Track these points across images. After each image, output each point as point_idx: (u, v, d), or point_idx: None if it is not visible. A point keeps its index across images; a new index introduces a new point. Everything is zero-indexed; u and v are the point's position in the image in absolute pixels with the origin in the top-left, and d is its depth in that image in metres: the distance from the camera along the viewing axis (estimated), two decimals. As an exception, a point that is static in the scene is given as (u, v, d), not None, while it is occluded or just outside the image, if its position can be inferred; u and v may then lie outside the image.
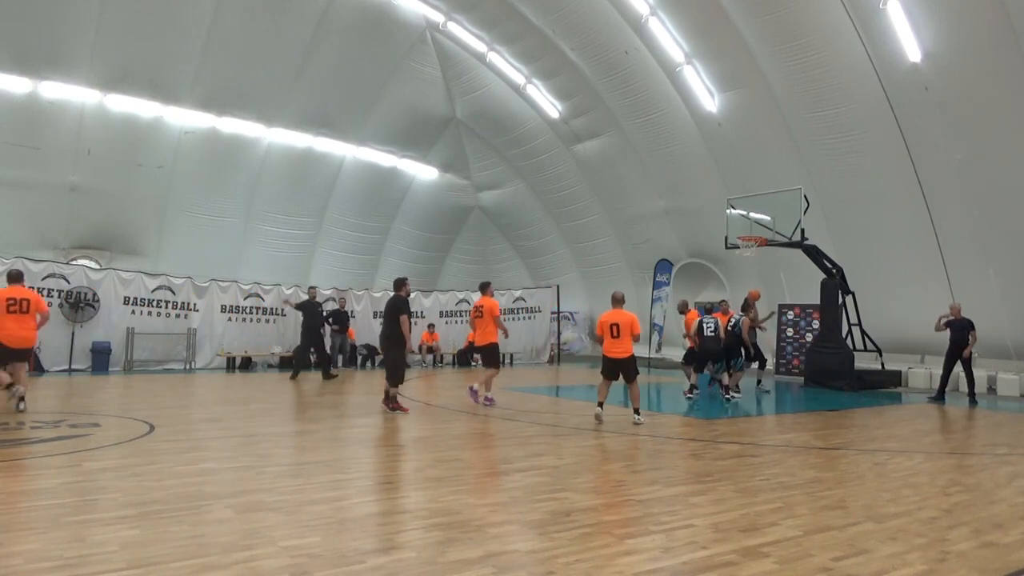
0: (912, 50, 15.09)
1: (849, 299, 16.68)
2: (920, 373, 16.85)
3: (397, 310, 10.39)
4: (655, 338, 23.77)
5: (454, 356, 22.16)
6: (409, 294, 10.87)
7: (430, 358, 21.40)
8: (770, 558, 4.11)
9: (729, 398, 12.85)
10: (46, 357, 16.11)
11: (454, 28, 22.58)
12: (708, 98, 19.58)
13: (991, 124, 14.92)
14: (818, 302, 17.03)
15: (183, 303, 18.28)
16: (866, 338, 16.79)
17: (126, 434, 7.78)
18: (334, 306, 19.19)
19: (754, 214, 16.98)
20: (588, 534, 4.49)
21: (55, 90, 18.19)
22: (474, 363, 21.62)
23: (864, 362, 16.89)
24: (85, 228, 20.01)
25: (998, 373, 15.68)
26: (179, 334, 18.05)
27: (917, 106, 15.68)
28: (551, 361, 23.95)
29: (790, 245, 16.12)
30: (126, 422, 8.69)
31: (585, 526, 4.66)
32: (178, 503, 5.00)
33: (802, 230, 15.79)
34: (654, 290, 23.66)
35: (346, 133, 23.58)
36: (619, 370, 9.62)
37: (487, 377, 11.43)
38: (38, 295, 9.76)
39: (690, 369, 13.66)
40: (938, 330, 13.75)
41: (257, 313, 19.28)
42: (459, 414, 10.45)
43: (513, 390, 14.32)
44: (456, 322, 23.27)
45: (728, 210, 17.47)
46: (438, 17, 22.29)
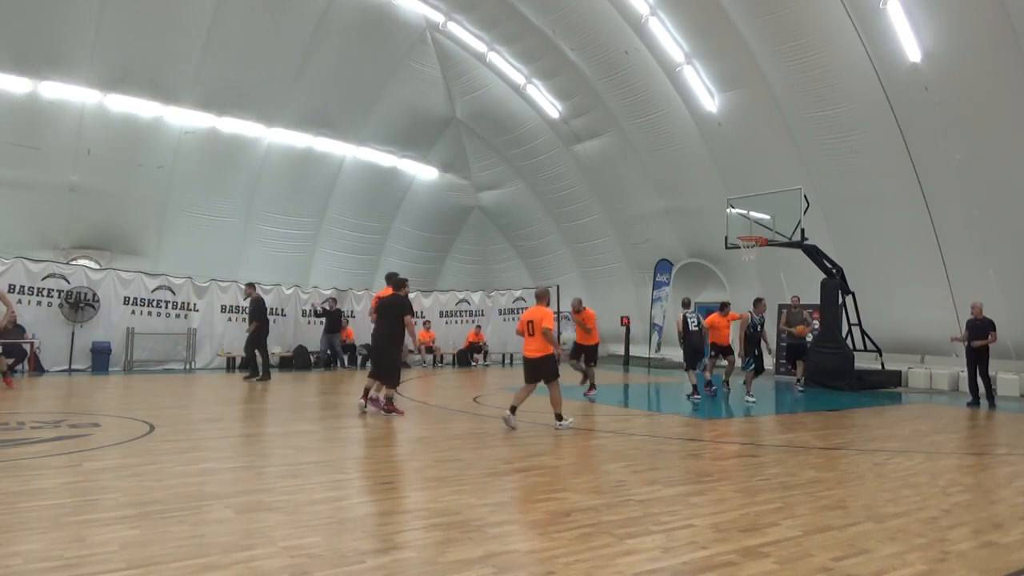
0: (912, 50, 15.09)
1: (849, 299, 16.69)
2: (920, 373, 16.85)
3: (401, 310, 10.29)
4: (655, 338, 23.78)
5: (454, 356, 22.16)
6: (407, 295, 10.86)
7: (430, 358, 21.37)
8: (770, 558, 4.11)
9: (749, 399, 12.77)
10: (46, 357, 16.11)
11: (454, 28, 22.58)
12: (708, 98, 19.57)
13: (991, 124, 14.92)
14: (818, 302, 17.04)
15: (183, 303, 18.28)
16: (866, 338, 16.80)
17: (126, 434, 7.78)
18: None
19: (754, 214, 16.99)
20: (588, 534, 4.49)
21: (55, 90, 18.17)
22: (474, 363, 21.62)
23: (864, 362, 16.89)
24: (85, 228, 20.00)
25: (998, 373, 15.64)
26: (179, 334, 18.06)
27: (917, 106, 15.68)
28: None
29: (790, 245, 16.12)
30: (126, 422, 8.69)
31: (585, 526, 4.66)
32: (178, 503, 5.00)
33: (802, 230, 15.80)
34: (654, 290, 23.67)
35: (346, 133, 23.57)
36: (536, 370, 9.05)
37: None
38: None
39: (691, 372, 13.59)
40: (959, 340, 13.44)
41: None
42: (459, 414, 10.45)
43: (513, 390, 14.30)
44: (456, 322, 23.27)
45: (728, 210, 17.48)
46: (438, 17, 22.29)
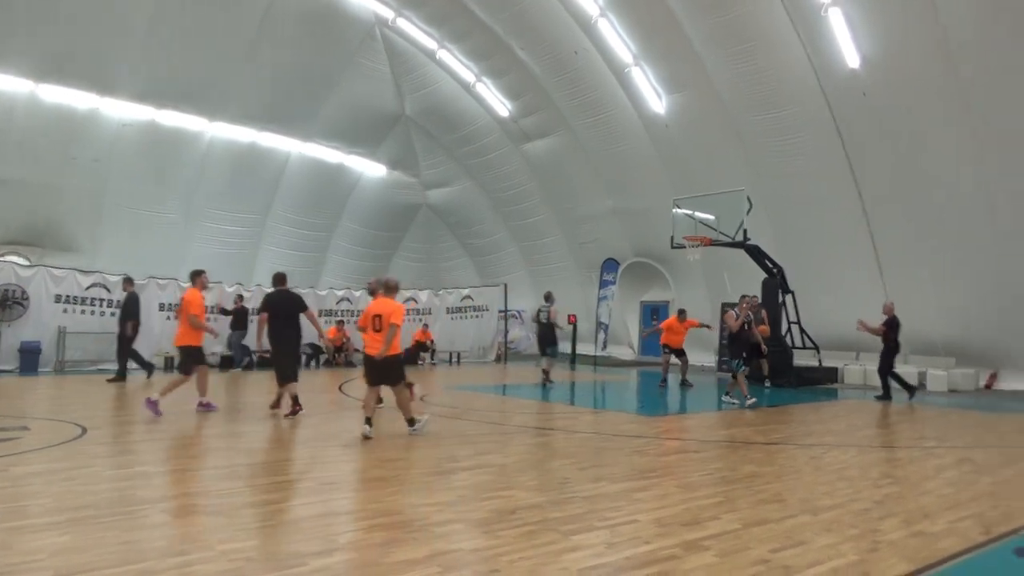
0: (851, 56, 15.57)
1: (789, 298, 17.12)
2: (855, 370, 17.39)
3: (299, 306, 10.14)
4: (600, 336, 24.01)
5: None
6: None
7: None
8: (711, 551, 4.18)
9: (750, 404, 11.75)
10: (-30, 357, 15.41)
11: (404, 24, 22.39)
12: (656, 99, 19.84)
13: (922, 129, 15.49)
14: (759, 301, 17.43)
15: (119, 301, 17.65)
16: (804, 336, 17.27)
17: (56, 437, 7.48)
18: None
19: (699, 214, 17.28)
20: (533, 531, 4.50)
21: (-18, 79, 17.42)
22: (421, 363, 21.50)
23: (803, 359, 17.37)
24: (14, 223, 19.19)
25: (928, 370, 16.30)
26: (114, 333, 17.41)
27: (856, 111, 16.18)
28: (498, 360, 23.97)
29: (733, 245, 16.46)
30: (56, 425, 8.36)
31: (530, 523, 4.67)
32: (111, 508, 4.83)
33: (745, 230, 16.14)
34: (601, 289, 23.91)
35: (292, 128, 23.16)
36: (382, 372, 8.22)
37: None
38: None
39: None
40: (876, 333, 13.94)
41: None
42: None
43: (460, 389, 14.28)
44: (405, 320, 23.06)
45: (674, 210, 17.76)
46: (387, 13, 22.08)
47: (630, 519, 4.84)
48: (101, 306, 17.45)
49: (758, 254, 16.59)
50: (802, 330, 17.23)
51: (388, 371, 8.22)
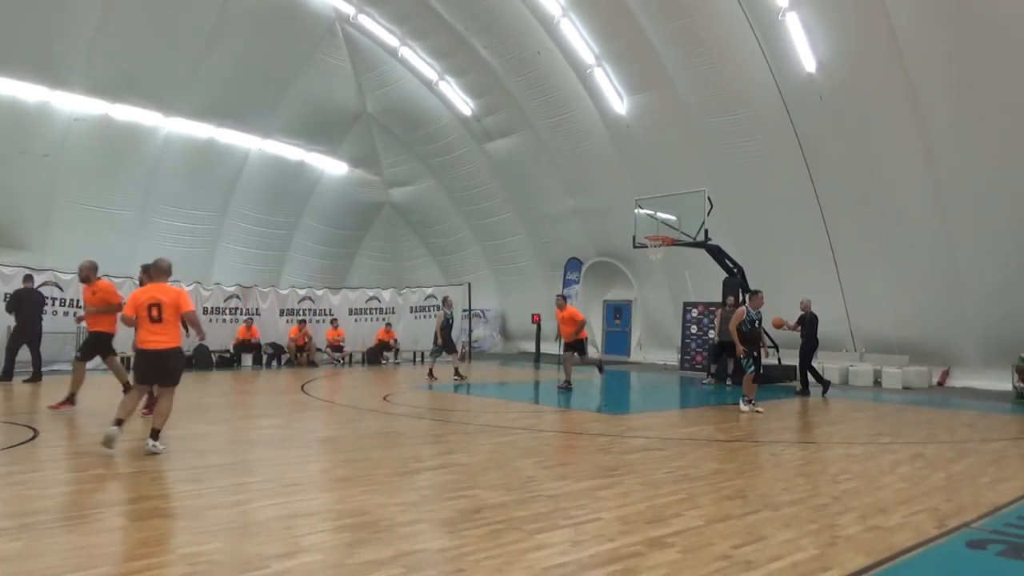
0: (808, 60, 15.88)
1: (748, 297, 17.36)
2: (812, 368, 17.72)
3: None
4: (565, 336, 24.09)
5: (363, 355, 21.80)
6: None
7: (338, 356, 20.93)
8: (674, 548, 4.24)
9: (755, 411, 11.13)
10: (-87, 359, 14.81)
11: (365, 21, 22.18)
12: (617, 100, 19.99)
13: (876, 133, 15.87)
14: (719, 300, 17.67)
15: (71, 300, 17.18)
16: (764, 335, 17.53)
17: (6, 440, 7.26)
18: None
19: (661, 214, 17.45)
20: (498, 530, 4.51)
21: (-75, 69, 16.78)
22: (384, 362, 21.35)
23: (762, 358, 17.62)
24: (-40, 220, 18.55)
25: (883, 368, 16.71)
26: (67, 333, 16.96)
27: (812, 114, 16.51)
28: (463, 359, 23.90)
29: (694, 245, 16.66)
30: (6, 427, 8.11)
31: (495, 523, 4.68)
32: (65, 512, 4.71)
33: (706, 230, 16.35)
34: (564, 288, 24.00)
35: (251, 125, 22.76)
36: (160, 368, 7.17)
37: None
38: None
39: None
40: (792, 329, 14.37)
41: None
42: (368, 413, 10.28)
43: (424, 388, 14.23)
44: (366, 320, 22.89)
45: (636, 210, 17.90)
46: (349, 9, 21.85)
47: (594, 517, 4.88)
48: (53, 305, 16.94)
49: (719, 254, 16.82)
50: (762, 329, 17.49)
51: (171, 366, 7.21)
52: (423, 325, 23.65)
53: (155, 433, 6.93)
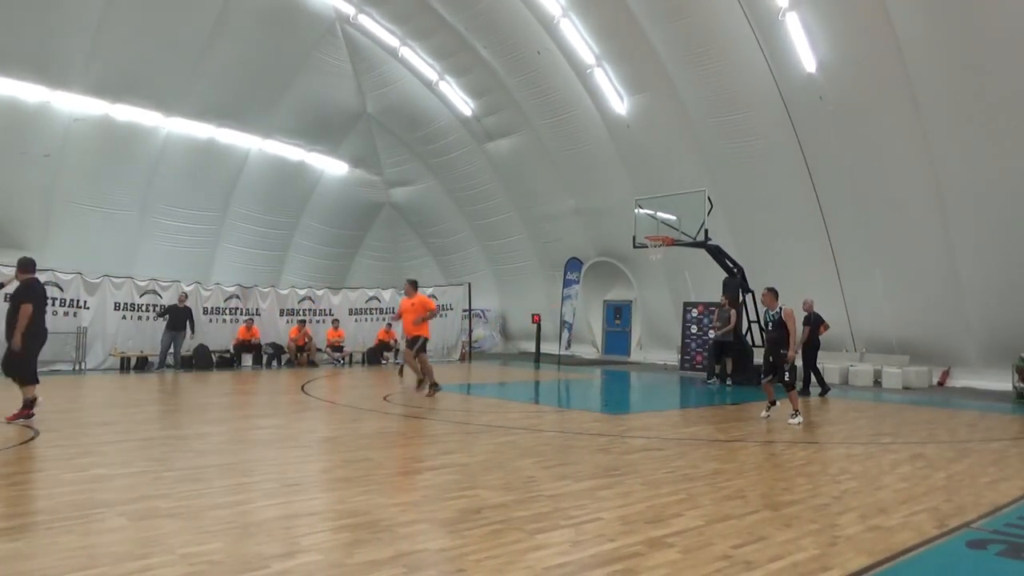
0: (808, 61, 15.88)
1: (749, 297, 17.38)
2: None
3: (18, 299, 8.53)
4: (564, 335, 24.12)
5: (364, 355, 21.79)
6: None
7: (338, 356, 20.92)
8: (674, 548, 4.23)
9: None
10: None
11: (365, 21, 22.20)
12: (617, 100, 20.00)
13: (876, 133, 15.88)
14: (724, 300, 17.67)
15: (72, 300, 17.17)
16: (764, 335, 17.53)
17: (6, 440, 7.26)
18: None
19: (661, 214, 17.46)
20: (498, 530, 4.50)
21: (-75, 70, 16.79)
22: (384, 362, 21.34)
23: (763, 358, 17.62)
24: (-41, 219, 18.56)
25: (883, 367, 16.71)
26: (67, 333, 16.96)
27: (813, 114, 16.52)
28: (463, 359, 23.90)
29: (694, 245, 16.66)
30: (6, 427, 8.11)
31: (495, 523, 4.67)
32: (66, 512, 4.70)
33: (706, 230, 16.35)
34: (564, 288, 24.00)
35: (251, 125, 22.78)
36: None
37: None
38: None
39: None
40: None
41: (154, 311, 18.32)
42: (368, 413, 10.28)
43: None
44: (366, 320, 22.89)
45: (636, 210, 17.91)
46: (349, 10, 21.86)
47: (594, 517, 4.87)
48: (54, 305, 16.88)
49: (719, 254, 16.82)
50: (761, 329, 17.49)
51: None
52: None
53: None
